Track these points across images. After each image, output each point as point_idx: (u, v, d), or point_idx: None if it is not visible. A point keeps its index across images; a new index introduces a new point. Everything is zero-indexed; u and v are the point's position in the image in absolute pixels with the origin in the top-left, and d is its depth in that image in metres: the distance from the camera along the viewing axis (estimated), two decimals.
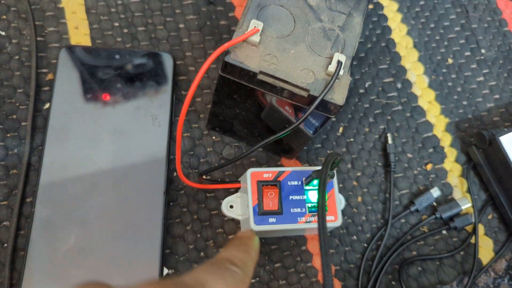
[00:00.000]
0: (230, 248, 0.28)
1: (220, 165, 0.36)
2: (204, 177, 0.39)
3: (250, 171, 0.36)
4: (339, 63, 0.31)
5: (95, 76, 0.40)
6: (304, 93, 0.31)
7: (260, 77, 0.31)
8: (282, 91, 0.31)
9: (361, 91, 0.46)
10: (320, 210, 0.25)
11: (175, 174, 0.40)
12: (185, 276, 0.23)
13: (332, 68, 0.31)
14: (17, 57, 0.41)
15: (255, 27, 0.31)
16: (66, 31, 0.43)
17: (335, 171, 0.36)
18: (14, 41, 0.41)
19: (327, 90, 0.30)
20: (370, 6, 0.49)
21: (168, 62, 0.42)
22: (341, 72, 0.31)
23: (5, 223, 0.37)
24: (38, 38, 0.42)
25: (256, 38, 0.31)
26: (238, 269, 0.25)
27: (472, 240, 0.43)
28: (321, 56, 0.32)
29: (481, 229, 0.44)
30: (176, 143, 0.31)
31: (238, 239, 0.31)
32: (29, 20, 0.41)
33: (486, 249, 0.43)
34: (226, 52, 0.31)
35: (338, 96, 0.31)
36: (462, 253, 0.43)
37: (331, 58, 0.32)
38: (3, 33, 0.41)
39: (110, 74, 0.40)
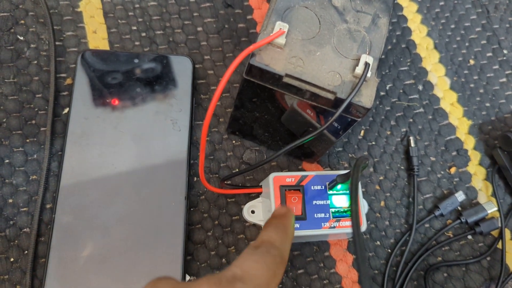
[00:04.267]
0: (269, 230, 0.29)
1: (242, 170, 0.36)
2: (225, 182, 0.39)
3: (272, 175, 0.36)
4: (367, 64, 0.30)
5: (114, 81, 0.40)
6: (331, 96, 0.30)
7: (286, 80, 0.30)
8: (308, 94, 0.31)
9: (382, 93, 0.45)
10: (354, 217, 0.24)
11: (195, 179, 0.39)
12: (233, 267, 0.24)
13: (359, 70, 0.30)
14: (35, 62, 0.40)
15: (280, 29, 0.30)
16: (84, 35, 0.42)
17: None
18: (32, 46, 0.41)
19: (355, 93, 0.29)
20: None
21: (187, 65, 0.41)
22: (369, 74, 0.30)
23: (25, 229, 0.36)
24: (57, 43, 0.41)
25: (281, 41, 0.30)
26: (278, 251, 0.26)
27: (499, 245, 0.42)
28: (347, 58, 0.31)
29: (507, 233, 0.43)
30: (200, 149, 0.31)
31: (276, 218, 0.31)
32: (47, 25, 0.41)
33: None
34: (251, 55, 0.30)
35: (366, 98, 0.30)
36: (488, 258, 0.41)
37: (357, 59, 0.31)
38: (22, 38, 0.41)
39: (129, 78, 0.40)
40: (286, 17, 0.32)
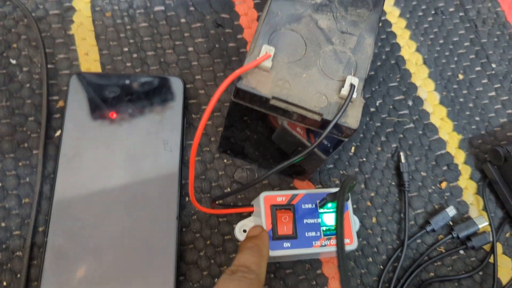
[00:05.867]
0: (245, 253, 0.30)
1: (234, 191, 0.36)
2: (216, 202, 0.39)
3: (263, 195, 0.36)
4: (352, 86, 0.30)
5: (106, 102, 0.40)
6: (318, 117, 0.31)
7: (273, 102, 0.31)
8: (295, 116, 0.31)
9: (372, 109, 0.46)
10: (339, 240, 0.25)
11: (187, 199, 0.40)
12: None
13: (345, 91, 0.31)
14: (28, 85, 0.41)
15: (266, 52, 0.30)
16: (76, 58, 0.43)
17: (349, 195, 0.36)
18: (25, 69, 0.41)
19: (340, 115, 0.30)
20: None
21: (178, 86, 0.42)
22: (354, 95, 0.31)
23: (18, 253, 0.36)
24: (49, 66, 0.42)
25: (268, 64, 0.30)
26: (254, 274, 0.27)
27: (491, 260, 0.42)
28: (333, 80, 0.32)
29: (499, 248, 0.43)
30: (190, 171, 0.31)
31: (251, 239, 0.32)
32: (39, 48, 0.41)
33: (505, 268, 0.42)
34: (238, 78, 0.30)
35: (352, 119, 0.31)
36: (481, 273, 0.42)
37: (343, 81, 0.31)
38: (14, 62, 0.41)
39: (120, 99, 0.40)
40: (272, 40, 0.32)
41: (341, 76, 0.32)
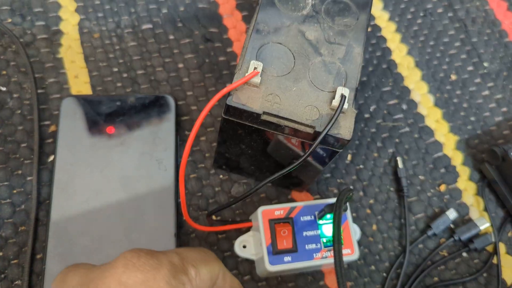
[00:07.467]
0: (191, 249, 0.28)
1: (227, 203, 0.35)
2: (214, 217, 0.39)
3: (261, 209, 0.36)
4: (343, 97, 0.30)
5: (98, 125, 0.40)
6: (310, 130, 0.30)
7: (264, 117, 0.30)
8: (287, 130, 0.31)
9: (366, 115, 0.46)
10: (337, 257, 0.24)
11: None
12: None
13: (336, 102, 0.30)
14: (19, 111, 0.41)
15: (255, 68, 0.30)
16: (66, 81, 0.43)
17: (347, 204, 0.36)
18: (15, 95, 0.41)
19: (330, 126, 0.30)
20: (368, 29, 0.49)
21: (169, 104, 0.41)
22: (346, 106, 0.30)
23: (17, 282, 0.36)
24: (39, 91, 0.42)
25: (256, 79, 0.30)
26: (178, 259, 0.24)
27: (494, 261, 0.41)
28: (324, 91, 0.31)
29: (502, 248, 0.42)
30: (180, 191, 0.31)
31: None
32: (28, 73, 0.41)
33: (509, 269, 0.42)
34: (228, 95, 0.30)
35: (344, 130, 0.30)
36: (485, 275, 0.41)
37: (334, 92, 0.31)
38: (4, 89, 0.41)
39: (112, 121, 0.40)
40: (260, 54, 0.32)
41: (331, 87, 0.32)
